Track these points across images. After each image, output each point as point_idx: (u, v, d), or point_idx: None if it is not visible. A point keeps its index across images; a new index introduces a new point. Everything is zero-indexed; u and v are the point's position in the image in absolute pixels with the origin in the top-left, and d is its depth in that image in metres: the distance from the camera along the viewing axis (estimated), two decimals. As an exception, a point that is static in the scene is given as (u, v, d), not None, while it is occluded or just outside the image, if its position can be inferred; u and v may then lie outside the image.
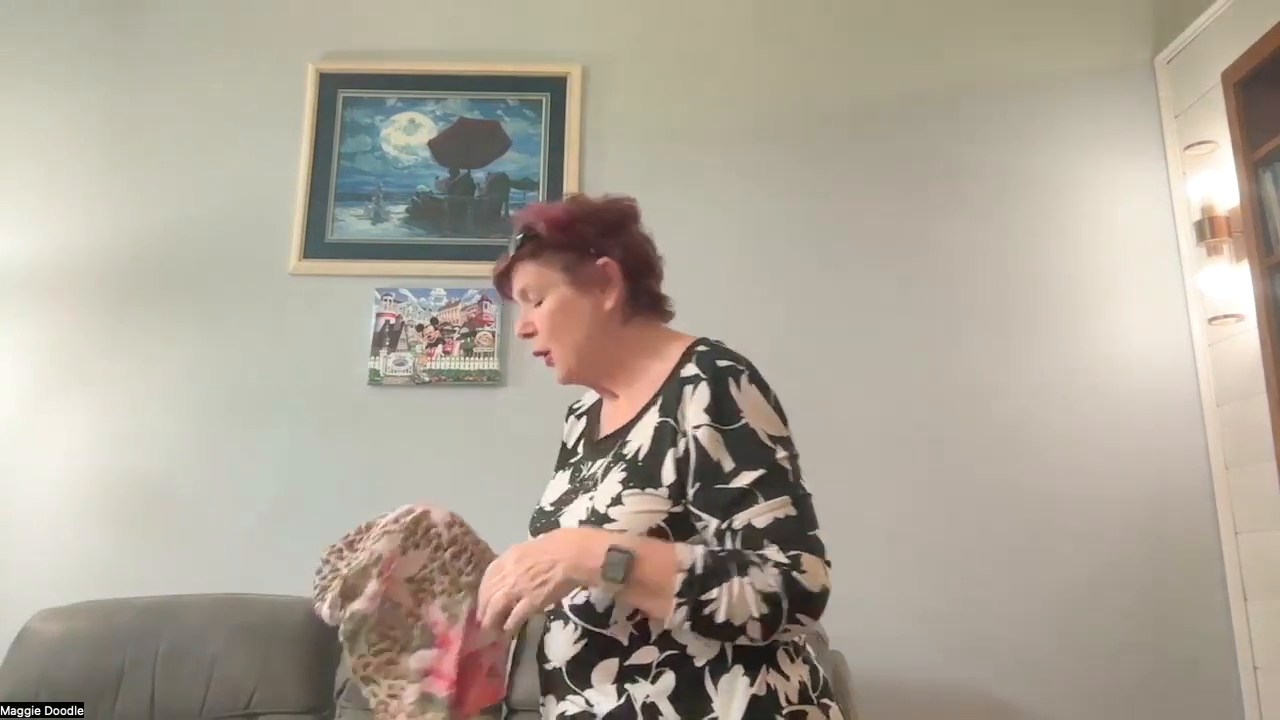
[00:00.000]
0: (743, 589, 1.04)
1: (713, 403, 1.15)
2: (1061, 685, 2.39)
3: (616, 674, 1.12)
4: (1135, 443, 2.53)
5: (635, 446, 1.19)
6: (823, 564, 1.09)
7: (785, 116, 2.77)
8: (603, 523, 1.14)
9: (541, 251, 1.28)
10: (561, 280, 1.27)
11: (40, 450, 2.49)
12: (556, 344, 1.28)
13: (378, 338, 2.56)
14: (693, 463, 1.14)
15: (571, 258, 1.27)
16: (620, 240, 1.29)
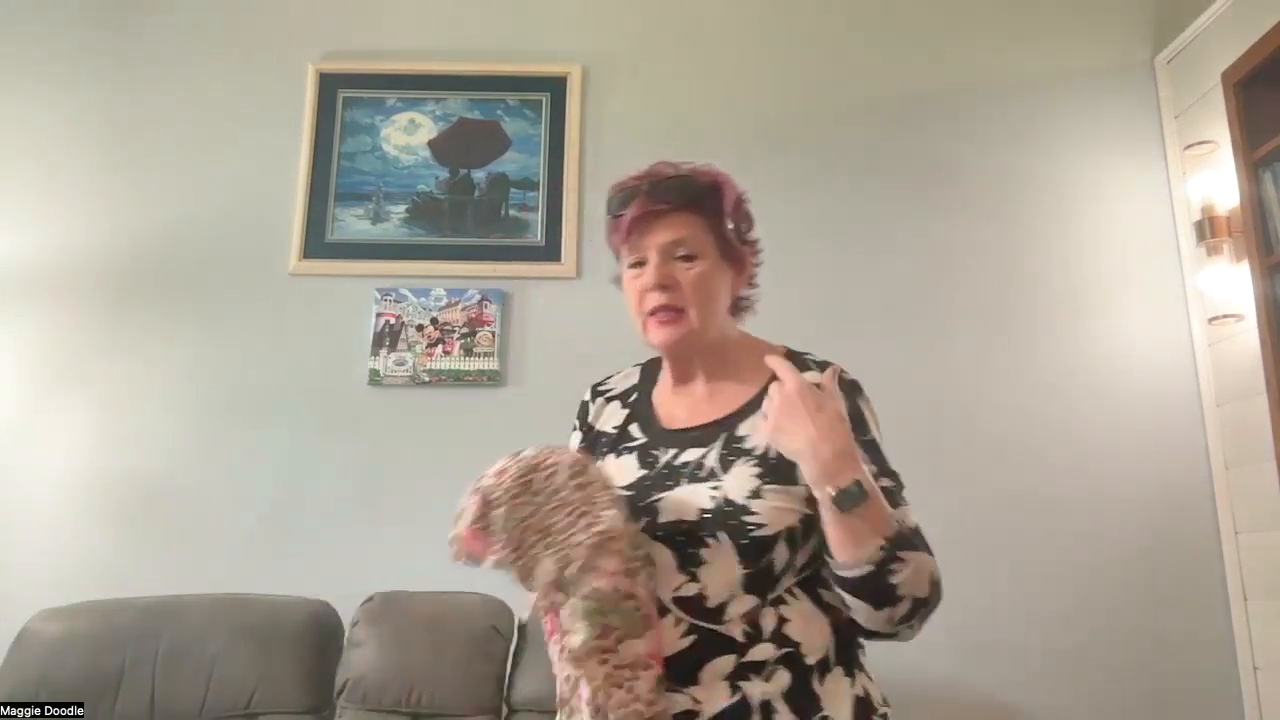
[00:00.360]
0: (926, 566, 1.09)
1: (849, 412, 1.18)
2: (1061, 685, 2.39)
3: (731, 672, 1.09)
4: (1135, 443, 2.53)
5: (761, 442, 1.16)
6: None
7: (785, 117, 2.77)
8: (741, 514, 1.11)
9: (704, 208, 1.24)
10: (713, 247, 1.24)
11: (40, 450, 2.49)
12: (700, 307, 1.22)
13: (378, 338, 2.56)
14: None
15: (727, 230, 1.26)
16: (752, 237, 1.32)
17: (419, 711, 2.03)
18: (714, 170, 1.29)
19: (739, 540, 1.10)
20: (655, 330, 1.23)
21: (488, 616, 2.14)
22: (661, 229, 1.22)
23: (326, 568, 2.38)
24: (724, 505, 1.12)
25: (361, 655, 2.07)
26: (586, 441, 1.35)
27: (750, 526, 1.11)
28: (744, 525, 1.11)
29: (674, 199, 1.22)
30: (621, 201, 1.25)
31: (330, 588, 2.26)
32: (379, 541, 2.43)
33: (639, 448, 1.26)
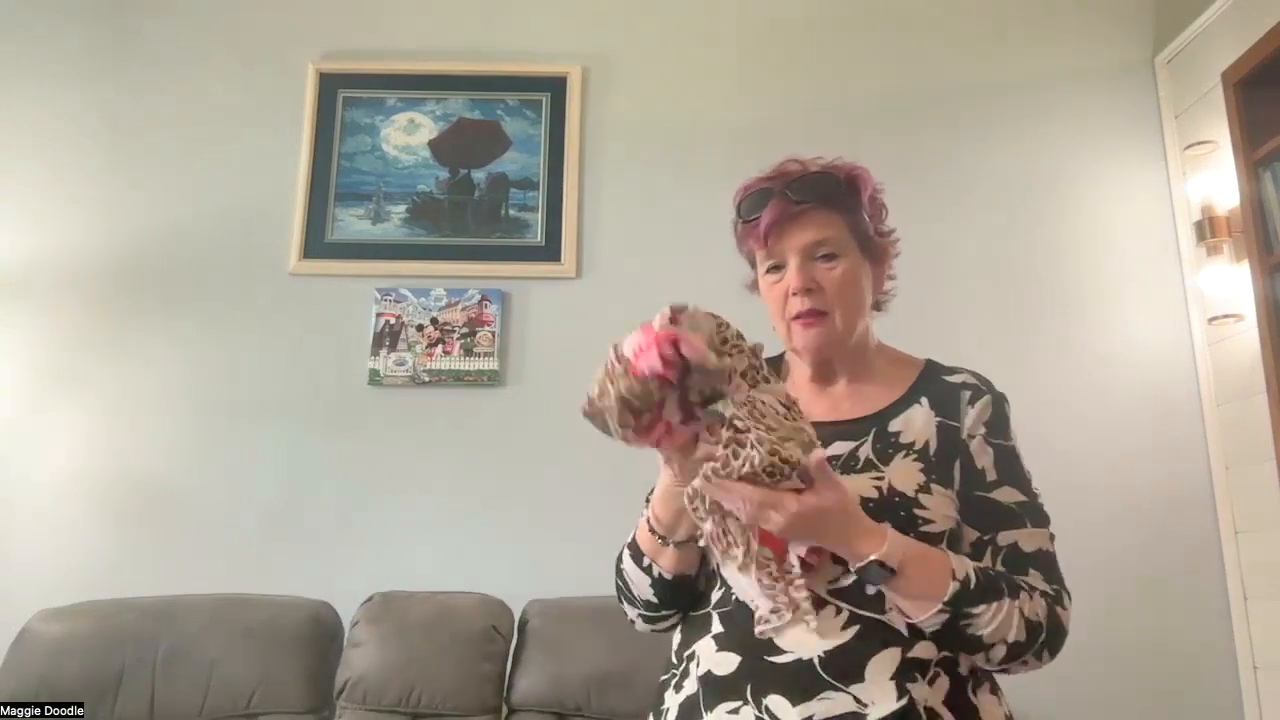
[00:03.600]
0: (1010, 612, 1.03)
1: (992, 417, 1.16)
2: (1060, 685, 2.38)
3: (898, 668, 1.02)
4: (1135, 442, 2.53)
5: (919, 438, 1.13)
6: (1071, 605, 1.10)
7: (785, 116, 2.77)
8: (912, 506, 1.07)
9: (844, 206, 1.18)
10: (855, 246, 1.18)
11: (40, 450, 2.49)
12: (844, 308, 1.16)
13: (378, 338, 2.56)
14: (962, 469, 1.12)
15: (867, 225, 1.20)
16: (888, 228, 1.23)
17: (419, 711, 2.03)
18: (848, 163, 1.23)
19: (907, 533, 1.05)
20: (800, 334, 1.18)
21: (488, 616, 2.14)
22: (800, 230, 1.16)
23: (326, 568, 2.38)
24: (891, 496, 1.08)
25: (361, 655, 2.07)
26: None
27: (920, 520, 1.07)
28: (915, 519, 1.07)
29: (811, 197, 1.16)
30: (753, 204, 1.19)
31: (330, 588, 2.26)
32: (379, 541, 2.44)
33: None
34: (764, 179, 1.22)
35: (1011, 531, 1.09)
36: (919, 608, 1.01)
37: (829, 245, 1.16)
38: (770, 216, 1.16)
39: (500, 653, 2.12)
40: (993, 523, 1.10)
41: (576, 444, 2.46)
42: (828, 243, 1.16)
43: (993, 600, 1.02)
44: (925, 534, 1.06)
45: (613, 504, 2.32)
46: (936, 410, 1.16)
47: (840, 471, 1.09)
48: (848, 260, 1.17)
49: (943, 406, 1.16)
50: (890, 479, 1.09)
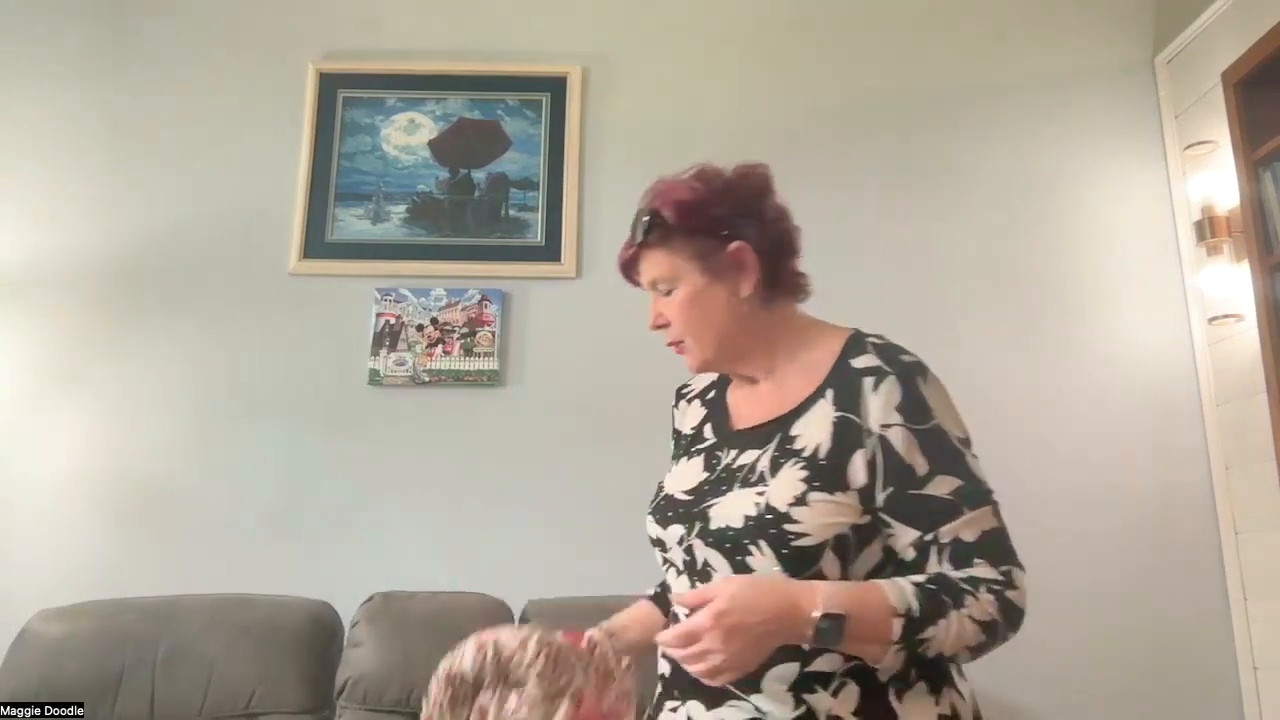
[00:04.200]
0: (961, 623, 1.00)
1: (904, 399, 1.09)
2: (1061, 685, 2.39)
3: (794, 681, 1.04)
4: (1135, 442, 2.53)
5: (811, 442, 1.10)
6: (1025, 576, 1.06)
7: (785, 116, 2.77)
8: (782, 522, 1.05)
9: (670, 238, 1.18)
10: (693, 269, 1.18)
11: (41, 450, 2.49)
12: (692, 337, 1.19)
13: (378, 338, 2.56)
14: (882, 465, 1.07)
15: (702, 244, 1.17)
16: (756, 218, 1.20)
17: (419, 711, 2.03)
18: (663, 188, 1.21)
19: (779, 550, 1.05)
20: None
21: (488, 616, 2.14)
22: (643, 268, 1.23)
23: (326, 568, 2.38)
24: (765, 513, 1.07)
25: (361, 655, 2.07)
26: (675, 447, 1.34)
27: (791, 536, 1.05)
28: (784, 535, 1.05)
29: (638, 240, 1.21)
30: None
31: (330, 588, 2.26)
32: (379, 541, 2.44)
33: (707, 449, 1.23)
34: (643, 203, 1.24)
35: (951, 525, 1.05)
36: (874, 652, 1.00)
37: (664, 281, 1.20)
38: (620, 260, 1.25)
39: (500, 653, 2.12)
40: (932, 520, 1.06)
41: (576, 444, 2.47)
42: (662, 279, 1.20)
43: (940, 618, 1.00)
44: (799, 549, 1.05)
45: (612, 504, 2.33)
46: (838, 404, 1.11)
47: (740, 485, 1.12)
48: (685, 286, 1.19)
49: (844, 398, 1.11)
50: (770, 495, 1.08)
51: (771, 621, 0.98)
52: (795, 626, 0.98)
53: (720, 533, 1.09)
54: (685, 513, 1.16)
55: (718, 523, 1.10)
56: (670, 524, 1.17)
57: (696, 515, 1.13)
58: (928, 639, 0.99)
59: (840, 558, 1.06)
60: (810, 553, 1.05)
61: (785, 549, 1.05)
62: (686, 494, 1.18)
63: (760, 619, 0.98)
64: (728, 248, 1.18)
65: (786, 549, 1.05)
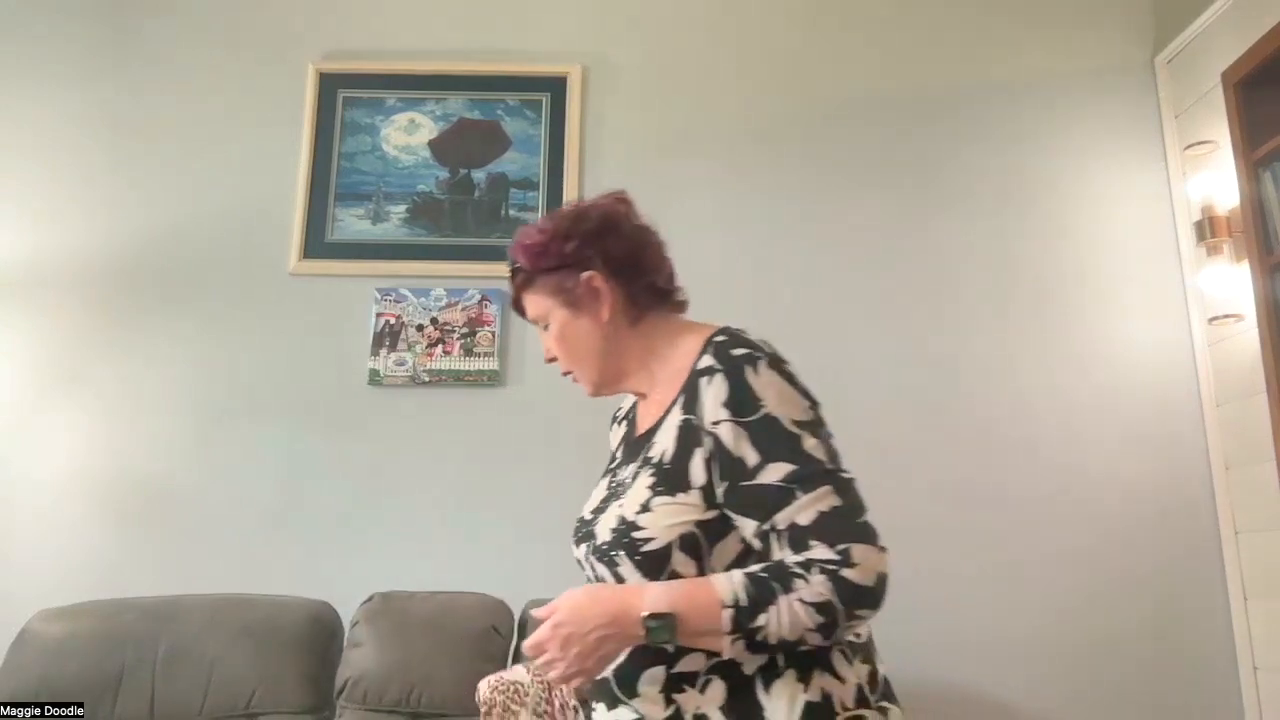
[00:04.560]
0: (791, 606, 1.00)
1: (730, 394, 1.10)
2: (1062, 685, 2.39)
3: (663, 683, 1.09)
4: (1135, 442, 2.53)
5: (661, 449, 1.15)
6: (876, 550, 1.04)
7: (785, 116, 2.77)
8: (631, 531, 1.11)
9: (532, 281, 1.28)
10: (556, 304, 1.27)
11: (41, 450, 2.49)
12: (574, 365, 1.28)
13: (378, 338, 2.56)
14: (716, 462, 1.09)
15: (558, 279, 1.25)
16: (602, 246, 1.25)
17: (419, 711, 2.04)
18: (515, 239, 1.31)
19: (633, 558, 1.10)
20: None
21: (488, 616, 2.14)
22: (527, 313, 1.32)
23: (326, 568, 2.39)
24: (621, 524, 1.13)
25: (361, 655, 2.07)
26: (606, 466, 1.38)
27: (640, 542, 1.10)
28: (635, 542, 1.10)
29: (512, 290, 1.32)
30: None
31: (330, 588, 2.26)
32: (379, 541, 2.44)
33: (613, 469, 1.31)
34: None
35: (786, 511, 1.05)
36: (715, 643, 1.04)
37: (540, 319, 1.29)
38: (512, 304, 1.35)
39: (500, 653, 2.12)
40: (767, 509, 1.06)
41: (576, 444, 2.47)
42: (539, 318, 1.30)
43: (769, 604, 1.01)
44: (648, 554, 1.09)
45: (613, 504, 2.33)
46: (684, 409, 1.15)
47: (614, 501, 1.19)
48: (555, 322, 1.27)
49: (689, 403, 1.14)
50: (624, 506, 1.15)
51: (606, 626, 1.06)
52: (629, 628, 1.05)
53: (599, 548, 1.16)
54: (585, 532, 1.22)
55: (598, 539, 1.17)
56: (579, 544, 1.24)
57: (590, 534, 1.20)
58: (761, 626, 1.01)
59: (693, 556, 1.10)
60: (660, 555, 1.09)
61: (637, 555, 1.10)
62: (590, 514, 1.25)
63: (594, 625, 1.06)
64: (580, 277, 1.24)
65: (638, 555, 1.10)
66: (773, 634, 1.01)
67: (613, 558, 1.12)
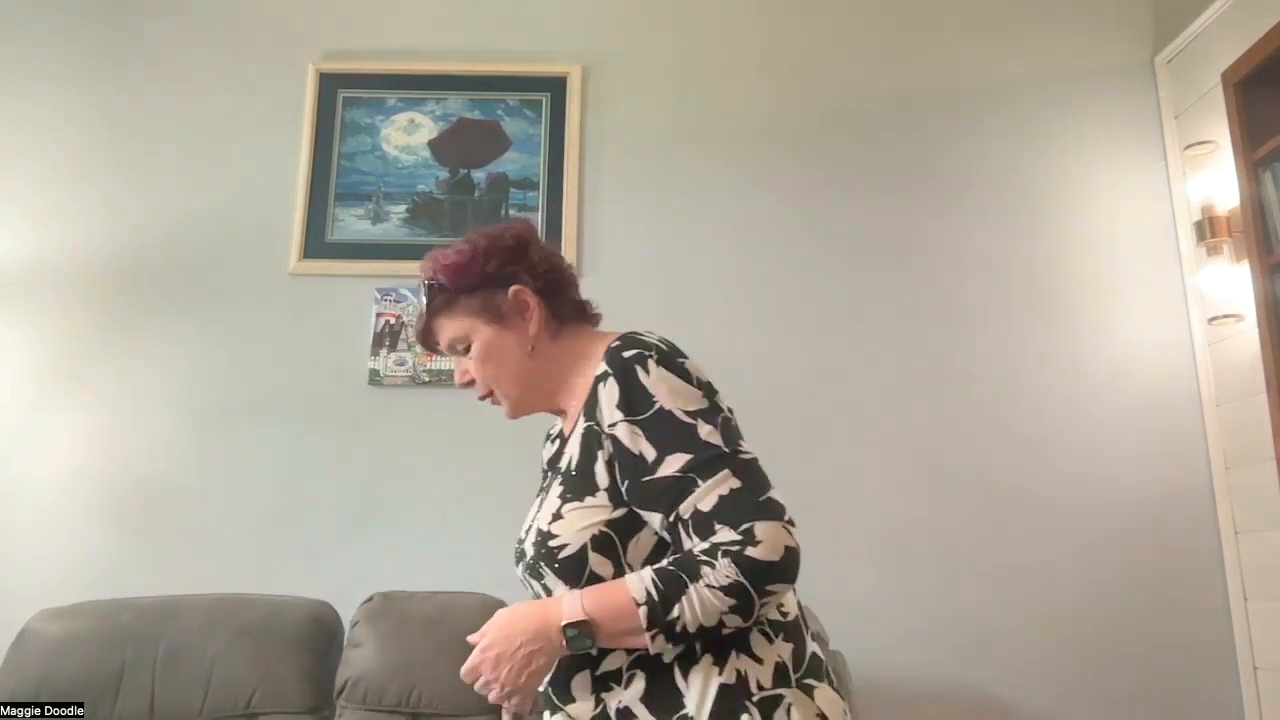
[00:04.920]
0: (699, 594, 1.02)
1: (622, 395, 1.12)
2: (1061, 685, 2.39)
3: (591, 685, 1.12)
4: (1135, 443, 2.53)
5: (569, 458, 1.18)
6: (781, 526, 1.04)
7: (785, 116, 2.77)
8: (548, 541, 1.13)
9: (454, 301, 1.26)
10: (480, 322, 1.26)
11: (40, 450, 2.49)
12: (497, 384, 1.28)
13: (378, 338, 2.56)
14: (617, 462, 1.12)
15: (482, 297, 1.25)
16: (525, 263, 1.27)
17: (419, 711, 2.03)
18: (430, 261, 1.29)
19: (553, 566, 1.13)
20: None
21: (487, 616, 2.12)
22: (439, 338, 1.30)
23: (326, 568, 2.39)
24: (537, 535, 1.16)
25: (361, 655, 2.07)
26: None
27: (556, 550, 1.13)
28: (551, 551, 1.13)
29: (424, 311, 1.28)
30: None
31: (330, 588, 2.26)
32: (379, 541, 2.44)
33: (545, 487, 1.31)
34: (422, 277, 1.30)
35: (689, 500, 1.06)
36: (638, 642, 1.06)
37: (459, 341, 1.28)
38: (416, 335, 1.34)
39: (500, 653, 2.12)
40: (670, 500, 1.08)
41: (576, 444, 2.46)
42: (457, 340, 1.28)
43: (680, 595, 1.03)
44: (565, 560, 1.12)
45: (613, 504, 2.33)
46: (586, 416, 1.17)
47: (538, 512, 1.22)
48: (478, 340, 1.26)
49: (589, 410, 1.16)
50: (539, 519, 1.19)
51: (531, 641, 1.09)
52: (553, 640, 1.08)
53: (528, 564, 1.19)
54: (519, 551, 1.25)
55: (527, 555, 1.20)
56: (517, 563, 1.26)
57: (522, 552, 1.23)
58: (676, 618, 1.03)
59: (608, 556, 1.12)
60: (576, 559, 1.11)
61: (556, 563, 1.13)
62: (524, 533, 1.27)
63: (520, 642, 1.09)
64: (507, 292, 1.25)
65: (557, 563, 1.13)
66: (689, 622, 1.03)
67: (538, 570, 1.15)
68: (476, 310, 1.26)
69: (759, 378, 2.51)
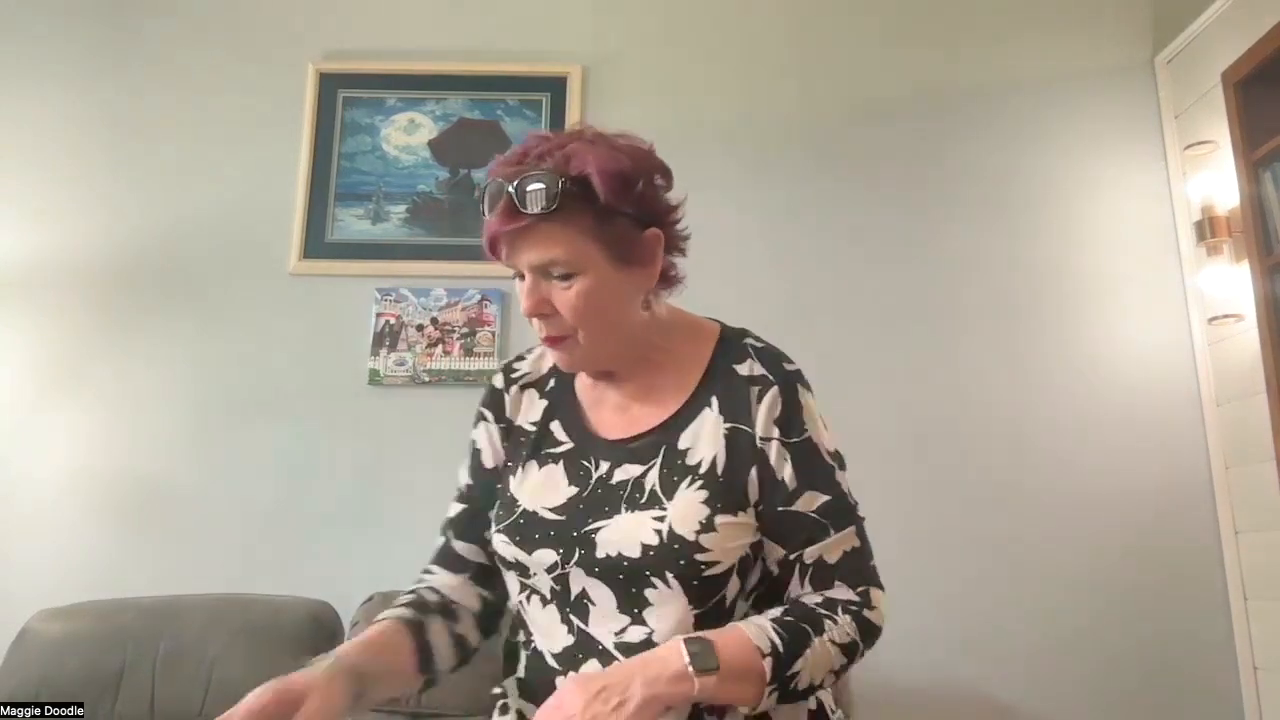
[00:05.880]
0: (824, 648, 0.97)
1: (783, 411, 1.03)
2: (1061, 685, 2.39)
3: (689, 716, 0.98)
4: (1135, 442, 2.53)
5: (705, 456, 1.03)
6: (883, 594, 1.05)
7: (785, 117, 2.77)
8: (693, 552, 0.97)
9: (585, 214, 0.98)
10: (601, 255, 1.00)
11: (40, 450, 2.49)
12: (590, 331, 1.02)
13: (378, 338, 2.56)
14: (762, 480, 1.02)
15: (621, 227, 1.00)
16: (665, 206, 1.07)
17: (419, 711, 2.03)
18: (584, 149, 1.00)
19: (690, 581, 0.97)
20: (551, 354, 1.08)
21: (488, 616, 2.14)
22: (529, 247, 0.99)
23: (326, 568, 2.38)
24: (671, 542, 0.97)
25: (361, 655, 2.07)
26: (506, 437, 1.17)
27: (703, 566, 0.97)
28: (696, 565, 0.97)
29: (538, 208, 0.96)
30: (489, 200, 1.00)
31: (330, 588, 2.26)
32: (379, 541, 2.43)
33: (565, 456, 1.09)
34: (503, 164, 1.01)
35: (816, 547, 1.01)
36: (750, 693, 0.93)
37: (561, 265, 0.99)
38: (493, 229, 1.00)
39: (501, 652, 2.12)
40: (798, 539, 1.02)
41: (576, 444, 2.47)
42: (559, 263, 0.99)
43: (805, 648, 0.95)
44: (709, 578, 0.98)
45: (613, 504, 2.33)
46: (726, 414, 1.04)
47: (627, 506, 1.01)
48: (589, 276, 1.00)
49: (733, 409, 1.04)
50: (672, 519, 0.98)
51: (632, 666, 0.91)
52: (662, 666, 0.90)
53: (612, 562, 0.98)
54: (559, 536, 1.02)
55: (607, 550, 0.99)
56: (538, 548, 1.03)
57: (577, 540, 1.01)
58: (798, 672, 0.95)
59: (741, 577, 1.02)
60: (720, 580, 0.99)
61: (696, 579, 0.98)
62: (554, 513, 1.04)
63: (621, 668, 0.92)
64: (643, 235, 1.03)
65: (698, 579, 0.98)
66: (804, 679, 0.96)
67: (646, 577, 0.97)
68: (606, 239, 1.00)
69: (759, 378, 2.50)
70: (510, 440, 1.16)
